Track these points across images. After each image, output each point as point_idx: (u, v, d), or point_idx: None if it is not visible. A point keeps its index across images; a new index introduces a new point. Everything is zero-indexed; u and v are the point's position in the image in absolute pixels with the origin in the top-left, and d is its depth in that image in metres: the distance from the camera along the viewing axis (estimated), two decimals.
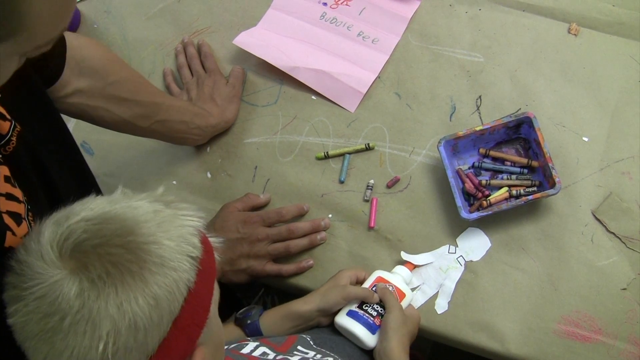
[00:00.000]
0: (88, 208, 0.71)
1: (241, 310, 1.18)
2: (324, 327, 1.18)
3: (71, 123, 1.47)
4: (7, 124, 0.87)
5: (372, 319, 1.11)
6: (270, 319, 1.16)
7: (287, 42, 1.43)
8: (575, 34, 1.35)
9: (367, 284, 1.17)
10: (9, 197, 0.83)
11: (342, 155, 1.33)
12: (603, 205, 1.22)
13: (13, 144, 0.87)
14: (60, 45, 1.08)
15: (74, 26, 1.56)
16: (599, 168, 1.25)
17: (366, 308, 1.12)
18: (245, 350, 1.00)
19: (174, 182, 1.39)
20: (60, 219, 0.70)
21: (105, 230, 0.68)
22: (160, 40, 1.52)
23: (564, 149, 1.27)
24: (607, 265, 1.20)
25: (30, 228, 0.85)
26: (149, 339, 0.67)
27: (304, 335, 1.10)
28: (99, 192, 1.21)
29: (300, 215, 1.31)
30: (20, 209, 0.85)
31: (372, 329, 1.11)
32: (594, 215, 1.22)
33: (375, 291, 1.14)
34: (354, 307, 1.13)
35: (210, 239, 0.79)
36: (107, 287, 0.65)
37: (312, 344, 1.08)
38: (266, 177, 1.35)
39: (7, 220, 0.81)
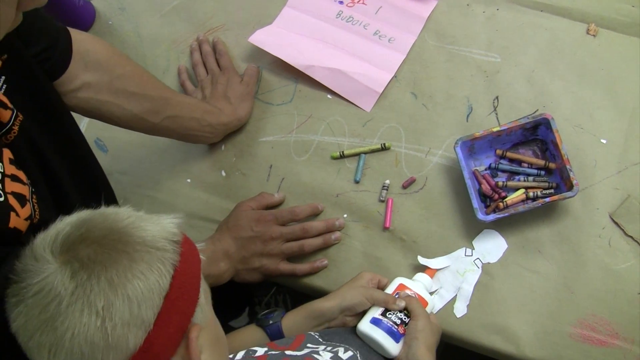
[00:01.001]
0: (73, 215, 0.76)
1: (263, 312, 1.18)
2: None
3: (85, 120, 1.47)
4: (9, 112, 0.88)
5: (395, 327, 1.09)
6: (292, 319, 1.15)
7: (302, 41, 1.42)
8: (593, 35, 1.34)
9: (388, 291, 1.16)
10: (14, 178, 0.85)
11: (358, 155, 1.33)
12: (621, 208, 1.21)
13: (14, 132, 0.88)
14: (64, 38, 1.08)
15: (88, 23, 1.56)
16: (616, 170, 1.24)
17: (390, 316, 1.10)
18: (256, 355, 1.00)
19: (188, 180, 1.38)
20: (48, 228, 0.75)
21: (89, 223, 0.73)
22: (175, 38, 1.51)
23: (581, 151, 1.26)
24: (624, 269, 1.19)
25: (33, 210, 0.87)
26: (144, 313, 0.70)
27: (311, 333, 1.10)
28: (107, 187, 1.21)
29: (314, 215, 1.30)
30: (24, 190, 0.86)
31: (395, 337, 1.08)
32: (612, 218, 1.22)
33: (398, 295, 1.13)
34: (377, 315, 1.11)
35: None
36: (97, 266, 0.69)
37: (320, 339, 1.07)
38: (281, 176, 1.35)
39: (12, 201, 0.83)
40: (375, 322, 1.10)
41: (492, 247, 1.23)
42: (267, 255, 1.24)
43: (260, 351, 1.01)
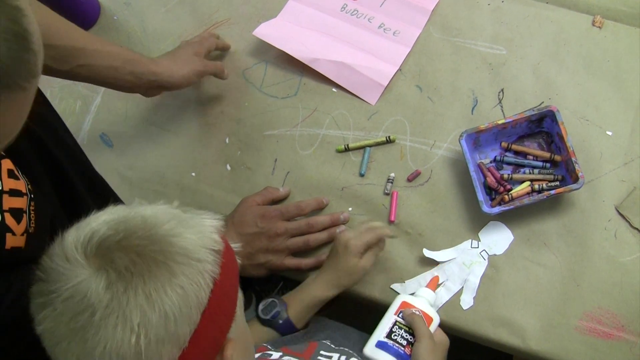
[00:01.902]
0: (108, 212, 0.72)
1: (261, 308, 1.18)
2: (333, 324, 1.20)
3: (90, 116, 1.47)
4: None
5: (402, 348, 1.06)
6: (296, 311, 1.17)
7: (307, 34, 1.42)
8: (599, 27, 1.33)
9: (392, 310, 1.12)
10: (12, 193, 0.83)
11: (363, 148, 1.33)
12: (627, 200, 1.21)
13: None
14: None
15: (93, 18, 1.56)
16: (622, 163, 1.24)
17: (395, 337, 1.07)
18: (271, 359, 0.99)
19: (193, 174, 1.39)
20: (81, 224, 0.71)
21: (127, 225, 0.69)
22: (180, 32, 1.51)
23: (587, 143, 1.26)
24: (631, 261, 1.18)
25: (29, 220, 0.85)
26: (180, 330, 0.67)
27: (323, 340, 1.10)
28: (106, 187, 1.21)
29: (320, 209, 1.30)
30: (22, 203, 0.84)
31: (403, 359, 1.06)
32: (618, 211, 1.21)
33: (402, 318, 1.09)
34: (382, 337, 1.08)
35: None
36: (135, 278, 0.65)
37: (332, 346, 1.08)
38: (286, 170, 1.35)
39: (8, 220, 0.81)
40: (381, 345, 1.07)
41: (498, 238, 1.23)
42: (272, 251, 1.24)
43: (275, 355, 1.01)
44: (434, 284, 1.17)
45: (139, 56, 1.25)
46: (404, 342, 1.07)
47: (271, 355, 1.00)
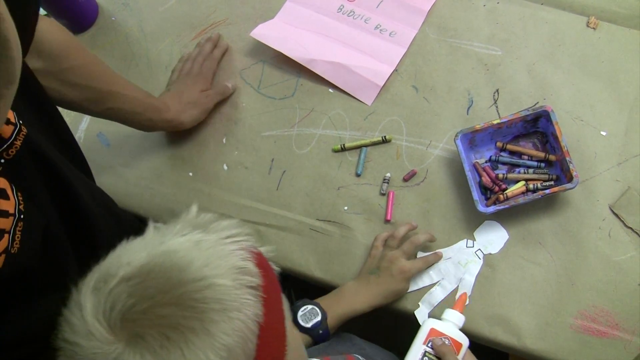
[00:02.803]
0: (125, 264, 0.64)
1: (301, 314, 1.16)
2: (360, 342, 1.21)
3: (87, 116, 1.48)
4: (11, 127, 0.85)
5: None
6: (333, 320, 1.17)
7: (304, 35, 1.43)
8: (594, 28, 1.34)
9: (420, 338, 1.08)
10: None
11: (359, 148, 1.33)
12: (621, 199, 1.22)
13: (16, 147, 0.86)
14: (31, 27, 1.06)
15: (91, 19, 1.56)
16: (617, 162, 1.24)
17: None
18: None
19: (190, 173, 1.39)
20: (98, 284, 0.63)
21: (150, 288, 0.61)
22: (178, 33, 1.52)
23: (581, 143, 1.26)
24: (625, 260, 1.19)
25: (11, 241, 0.83)
26: None
27: (357, 355, 1.10)
28: (99, 189, 1.21)
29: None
30: (5, 223, 0.83)
31: None
32: (612, 210, 1.22)
33: (431, 347, 1.06)
34: None
35: (263, 251, 0.73)
36: (172, 354, 0.59)
37: None
38: (282, 169, 1.36)
39: None
40: None
41: (493, 238, 1.24)
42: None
43: None
44: (461, 305, 1.12)
45: (157, 103, 1.32)
46: None
47: None
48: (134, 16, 1.56)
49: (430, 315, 1.21)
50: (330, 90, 1.39)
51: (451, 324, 1.09)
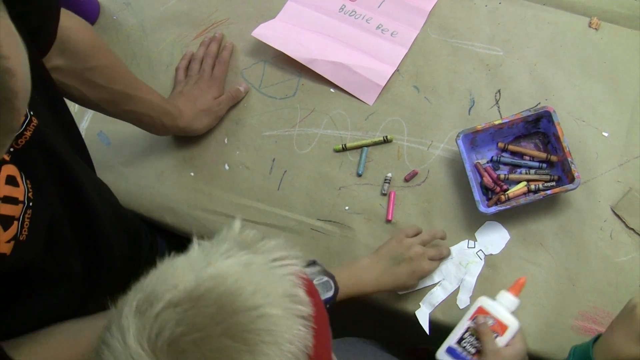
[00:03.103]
0: (171, 287, 0.61)
1: (315, 283, 1.07)
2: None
3: (89, 114, 1.48)
4: (21, 118, 0.86)
5: (470, 356, 1.07)
6: (340, 298, 1.12)
7: (305, 35, 1.43)
8: (596, 28, 1.34)
9: (467, 315, 1.10)
10: (6, 200, 0.82)
11: (360, 148, 1.33)
12: (622, 201, 1.22)
13: (26, 138, 0.86)
14: (53, 23, 1.07)
15: (92, 18, 1.56)
16: (618, 163, 1.24)
17: (464, 345, 1.08)
18: None
19: (192, 173, 1.39)
20: (142, 306, 0.61)
21: (200, 317, 0.59)
22: (179, 32, 1.52)
23: (583, 143, 1.26)
24: (626, 261, 1.19)
25: (20, 228, 0.84)
26: None
27: None
28: (104, 184, 1.21)
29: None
30: (14, 210, 0.84)
31: None
32: (613, 211, 1.22)
33: (475, 324, 1.08)
34: (453, 344, 1.08)
35: (309, 273, 0.71)
36: None
37: None
38: (283, 169, 1.35)
39: None
40: (450, 351, 1.08)
41: (494, 238, 1.23)
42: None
43: None
44: (518, 288, 1.09)
45: (172, 109, 1.33)
46: (473, 350, 1.07)
47: None
48: (135, 15, 1.56)
49: (431, 315, 1.21)
50: (331, 90, 1.39)
51: (502, 307, 1.08)
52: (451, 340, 1.09)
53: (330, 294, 1.09)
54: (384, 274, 1.16)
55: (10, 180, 0.85)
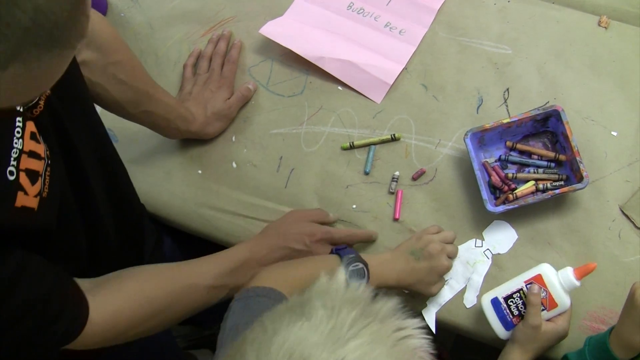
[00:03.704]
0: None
1: (351, 269, 1.08)
2: None
3: (97, 109, 1.48)
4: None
5: (510, 316, 1.10)
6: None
7: (313, 32, 1.43)
8: (605, 27, 1.34)
9: (525, 276, 1.12)
10: (31, 154, 0.85)
11: (368, 146, 1.33)
12: (631, 200, 1.21)
13: (40, 108, 0.88)
14: None
15: None
16: (627, 163, 1.24)
17: (510, 303, 1.10)
18: None
19: (199, 171, 1.39)
20: None
21: None
22: (186, 30, 1.52)
23: (592, 143, 1.26)
24: (634, 261, 1.19)
25: (43, 184, 0.87)
26: None
27: None
28: (121, 166, 1.21)
29: (368, 241, 1.28)
30: (39, 165, 0.86)
31: (507, 325, 1.11)
32: (622, 211, 1.21)
33: (528, 290, 1.09)
34: (501, 297, 1.12)
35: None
36: None
37: None
38: (290, 167, 1.35)
39: (22, 179, 0.83)
40: (495, 303, 1.12)
41: (502, 238, 1.23)
42: None
43: None
44: (583, 271, 1.08)
45: (185, 113, 1.33)
46: (516, 312, 1.10)
47: None
48: (142, 13, 1.56)
49: (438, 315, 1.21)
50: (339, 88, 1.39)
51: (559, 283, 1.08)
52: (500, 292, 1.12)
53: (363, 282, 1.06)
54: (404, 269, 1.15)
55: (33, 137, 0.87)
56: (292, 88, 1.42)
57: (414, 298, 1.23)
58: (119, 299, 1.00)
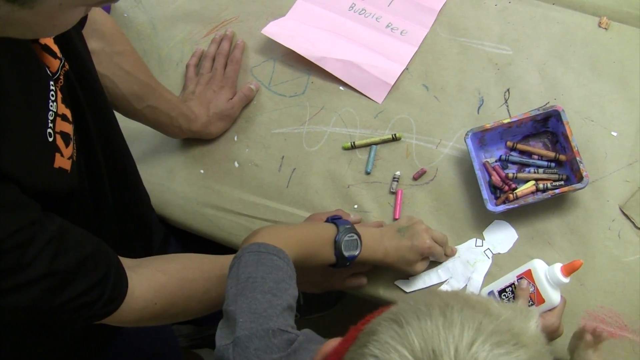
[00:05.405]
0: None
1: (346, 239, 1.10)
2: None
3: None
4: (57, 62, 0.90)
5: None
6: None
7: (315, 33, 1.43)
8: (605, 28, 1.34)
9: (518, 271, 1.12)
10: (64, 117, 0.87)
11: (369, 145, 1.34)
12: (631, 200, 1.22)
13: (61, 82, 0.89)
14: None
15: None
16: (627, 163, 1.24)
17: (503, 297, 1.13)
18: None
19: (202, 170, 1.40)
20: None
21: None
22: (189, 30, 1.53)
23: (592, 143, 1.26)
24: (634, 261, 1.19)
25: (74, 149, 0.89)
26: None
27: None
28: (126, 149, 1.22)
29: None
30: (70, 129, 0.88)
31: None
32: (622, 211, 1.22)
33: (518, 282, 1.10)
34: (495, 291, 1.14)
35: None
36: None
37: None
38: (292, 166, 1.36)
39: (59, 141, 0.84)
40: (490, 296, 1.14)
41: (502, 237, 1.24)
42: (336, 272, 1.21)
43: None
44: (569, 270, 1.06)
45: (187, 111, 1.34)
46: None
47: None
48: (145, 13, 1.57)
49: None
50: (340, 88, 1.40)
51: (546, 279, 1.08)
52: (495, 287, 1.15)
53: (356, 252, 1.11)
54: (390, 245, 1.17)
55: (64, 100, 0.89)
56: (294, 88, 1.42)
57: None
58: (160, 277, 1.00)
